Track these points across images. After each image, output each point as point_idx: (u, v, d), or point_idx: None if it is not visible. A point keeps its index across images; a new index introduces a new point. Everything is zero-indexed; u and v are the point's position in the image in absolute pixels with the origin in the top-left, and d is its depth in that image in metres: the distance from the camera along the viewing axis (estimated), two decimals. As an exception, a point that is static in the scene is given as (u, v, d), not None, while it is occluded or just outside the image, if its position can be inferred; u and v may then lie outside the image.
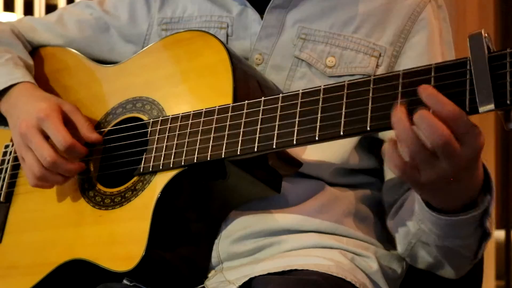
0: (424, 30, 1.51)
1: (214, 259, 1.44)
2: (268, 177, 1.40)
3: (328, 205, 1.46)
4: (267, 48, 1.53)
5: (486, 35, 1.08)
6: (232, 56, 1.41)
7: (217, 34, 1.52)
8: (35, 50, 1.77)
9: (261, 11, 1.56)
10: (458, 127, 1.09)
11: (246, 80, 1.42)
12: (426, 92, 1.11)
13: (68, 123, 1.51)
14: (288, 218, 1.44)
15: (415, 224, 1.36)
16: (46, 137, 1.50)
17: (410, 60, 1.50)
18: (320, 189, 1.47)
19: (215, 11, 1.60)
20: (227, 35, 1.57)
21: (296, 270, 1.33)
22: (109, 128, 1.54)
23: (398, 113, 1.12)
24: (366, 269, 1.42)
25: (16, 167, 1.65)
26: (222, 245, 1.44)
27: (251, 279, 1.34)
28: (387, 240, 1.50)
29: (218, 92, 1.39)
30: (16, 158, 1.63)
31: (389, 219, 1.49)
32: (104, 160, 1.52)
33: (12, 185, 1.64)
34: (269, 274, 1.33)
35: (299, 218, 1.44)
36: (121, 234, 1.41)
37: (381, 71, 1.49)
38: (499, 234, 3.99)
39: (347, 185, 1.50)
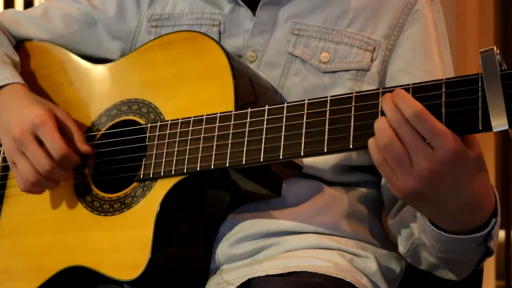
0: (418, 22, 1.50)
1: (213, 262, 1.44)
2: (269, 182, 1.39)
3: (326, 207, 1.46)
4: (261, 45, 1.52)
5: (497, 51, 1.08)
6: (230, 58, 1.39)
7: (209, 32, 1.50)
8: (20, 44, 1.72)
9: (253, 7, 1.53)
10: (422, 126, 1.11)
11: (245, 83, 1.40)
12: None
13: (60, 130, 1.49)
14: (286, 220, 1.43)
15: (416, 231, 1.37)
16: (40, 143, 1.47)
17: (405, 52, 1.49)
18: (319, 190, 1.47)
19: (206, 8, 1.57)
20: (219, 33, 1.55)
21: (295, 272, 1.33)
22: (103, 131, 1.51)
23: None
24: (365, 270, 1.42)
25: (6, 168, 1.61)
26: (221, 248, 1.44)
27: (249, 280, 1.33)
28: (385, 240, 1.51)
29: (218, 97, 1.38)
30: (5, 159, 1.60)
31: (390, 217, 1.48)
32: (99, 164, 1.50)
33: (2, 187, 1.61)
34: (267, 275, 1.33)
35: (298, 220, 1.43)
36: (123, 241, 1.40)
37: (376, 65, 1.48)
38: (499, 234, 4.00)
39: (345, 184, 1.50)
